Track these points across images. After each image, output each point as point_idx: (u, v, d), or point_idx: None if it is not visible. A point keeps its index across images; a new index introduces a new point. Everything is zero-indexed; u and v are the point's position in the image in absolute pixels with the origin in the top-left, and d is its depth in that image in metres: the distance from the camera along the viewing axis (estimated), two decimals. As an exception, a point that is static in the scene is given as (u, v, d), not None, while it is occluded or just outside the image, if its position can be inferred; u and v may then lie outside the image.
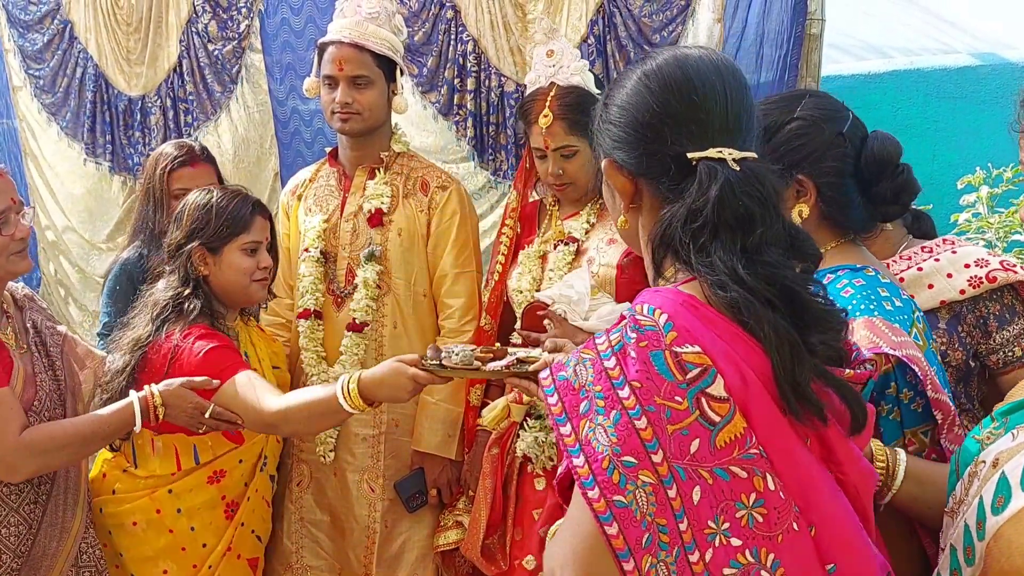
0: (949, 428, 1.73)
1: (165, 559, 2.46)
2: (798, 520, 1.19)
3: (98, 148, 4.27)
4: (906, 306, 1.80)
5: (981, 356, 2.32)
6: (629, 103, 1.33)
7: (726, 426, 1.15)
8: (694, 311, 1.21)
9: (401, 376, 2.07)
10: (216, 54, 4.02)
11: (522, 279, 2.73)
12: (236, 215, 2.52)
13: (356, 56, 2.76)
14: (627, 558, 1.13)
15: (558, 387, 1.23)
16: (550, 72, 2.65)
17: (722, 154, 1.25)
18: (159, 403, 2.23)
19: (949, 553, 1.33)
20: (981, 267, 2.27)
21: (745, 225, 1.22)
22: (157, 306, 2.45)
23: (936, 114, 3.78)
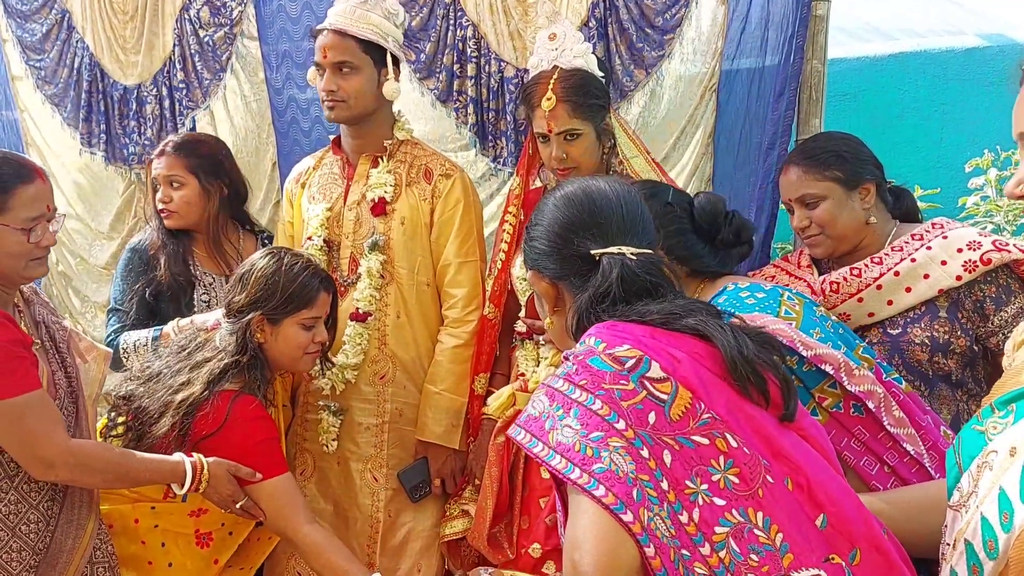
0: (847, 373, 1.98)
1: (129, 568, 2.43)
2: (770, 472, 1.31)
3: (93, 138, 4.23)
4: (769, 293, 2.13)
5: (982, 339, 2.34)
6: (543, 220, 1.62)
7: (675, 401, 1.32)
8: (613, 327, 1.43)
9: None
10: (207, 40, 3.98)
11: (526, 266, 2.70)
12: (302, 290, 2.50)
13: (339, 43, 2.75)
14: (623, 510, 1.23)
15: (523, 425, 1.40)
16: (553, 55, 2.63)
17: (620, 249, 1.53)
18: (206, 478, 2.28)
19: (964, 548, 1.31)
20: (974, 250, 2.28)
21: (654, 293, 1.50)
22: (213, 373, 2.41)
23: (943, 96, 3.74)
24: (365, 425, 2.89)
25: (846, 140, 2.46)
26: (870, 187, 2.39)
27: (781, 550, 1.25)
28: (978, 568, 1.28)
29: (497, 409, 2.70)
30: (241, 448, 2.35)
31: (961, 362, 2.34)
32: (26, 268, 2.15)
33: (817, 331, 2.03)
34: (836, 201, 2.38)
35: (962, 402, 2.36)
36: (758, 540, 1.25)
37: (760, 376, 1.40)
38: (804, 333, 2.02)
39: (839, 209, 2.38)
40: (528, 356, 2.74)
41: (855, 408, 2.03)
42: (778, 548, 1.25)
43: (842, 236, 2.40)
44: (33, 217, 2.11)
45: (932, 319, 2.31)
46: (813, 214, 2.39)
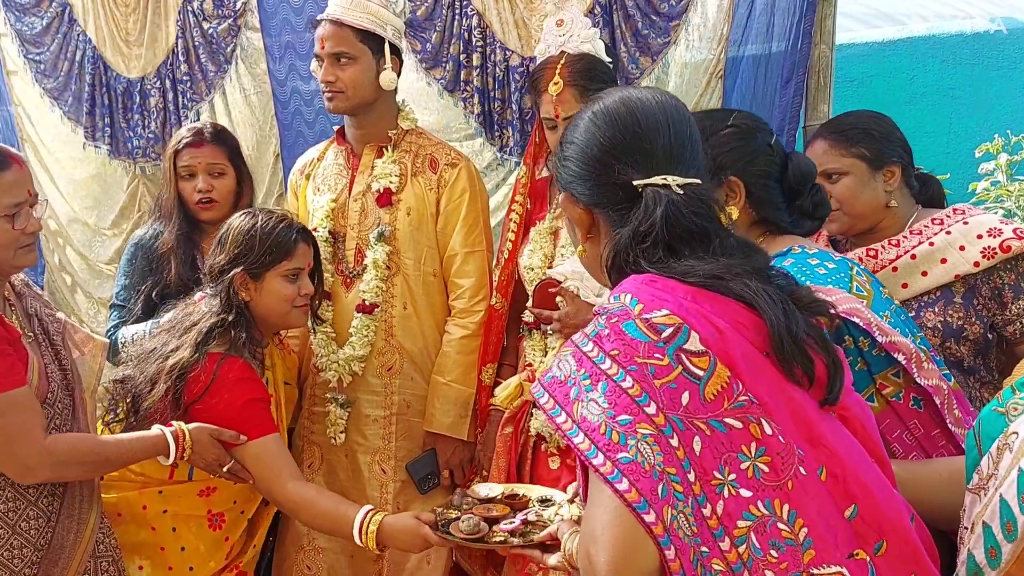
0: (918, 365, 1.81)
1: (141, 555, 2.44)
2: (803, 463, 1.23)
3: (97, 132, 4.22)
4: (840, 265, 1.90)
5: (998, 327, 2.32)
6: (580, 139, 1.45)
7: (711, 378, 1.21)
8: (654, 284, 1.30)
9: (416, 536, 2.12)
10: (211, 32, 3.97)
11: (533, 256, 2.70)
12: (279, 241, 2.49)
13: (337, 33, 2.74)
14: (646, 509, 1.15)
15: (546, 387, 1.30)
16: (560, 41, 2.61)
17: (666, 180, 1.36)
18: (188, 444, 2.26)
19: (982, 531, 1.30)
20: (994, 237, 2.26)
21: (698, 238, 1.35)
22: (200, 333, 2.41)
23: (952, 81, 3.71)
24: (373, 417, 2.88)
25: (878, 119, 2.43)
26: (895, 170, 2.37)
27: (804, 545, 1.20)
28: (996, 550, 1.27)
29: (505, 399, 2.69)
30: (227, 411, 2.34)
31: (974, 349, 2.32)
32: (15, 257, 2.13)
33: (887, 314, 1.88)
34: (858, 179, 2.35)
35: (974, 389, 2.34)
36: (780, 534, 1.19)
37: (807, 357, 1.28)
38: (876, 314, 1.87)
39: (860, 187, 2.35)
40: (536, 346, 2.72)
41: (915, 401, 1.92)
42: (800, 543, 1.19)
43: (860, 215, 2.38)
44: (15, 204, 2.09)
45: (947, 304, 2.29)
46: (833, 189, 2.35)
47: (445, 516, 2.10)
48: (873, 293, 1.94)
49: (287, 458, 2.40)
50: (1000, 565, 1.26)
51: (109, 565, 2.33)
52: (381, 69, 2.79)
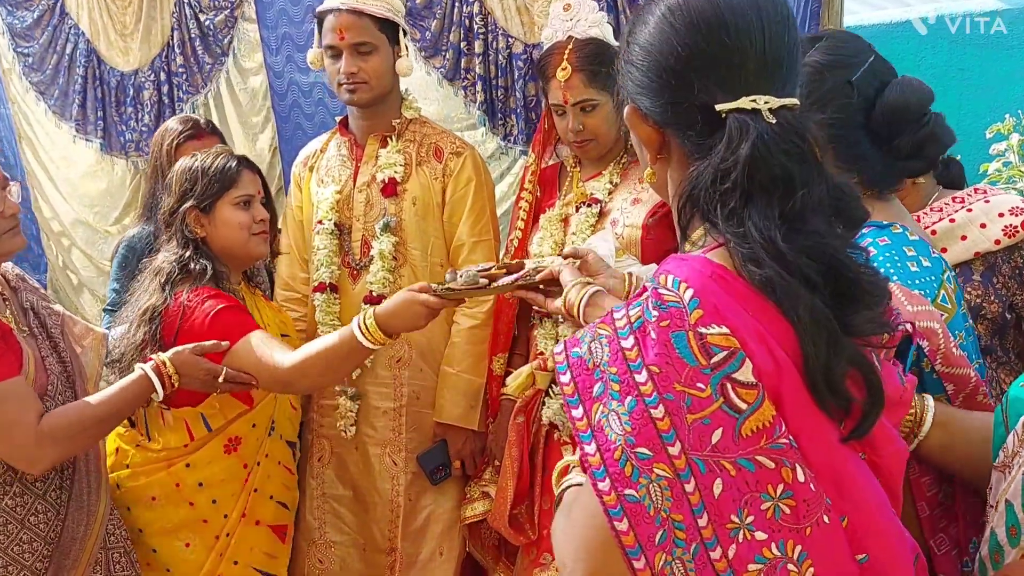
0: (966, 398, 1.63)
1: (186, 532, 2.44)
2: (829, 513, 1.09)
3: (88, 125, 4.19)
4: (935, 266, 1.68)
5: (1017, 307, 2.30)
6: (652, 44, 1.18)
7: (753, 414, 1.05)
8: (724, 284, 1.09)
9: (414, 304, 2.08)
10: (207, 24, 3.94)
11: (543, 243, 2.67)
12: (223, 171, 2.51)
13: (356, 23, 2.68)
14: (638, 555, 1.05)
15: (571, 365, 1.13)
16: (567, 26, 2.59)
17: (756, 104, 1.11)
18: (172, 371, 2.21)
19: (1004, 509, 1.28)
20: (1016, 215, 2.24)
21: (783, 188, 1.09)
22: (162, 273, 2.43)
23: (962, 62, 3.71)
24: (382, 409, 2.85)
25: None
26: None
27: None
28: (1016, 529, 1.26)
29: (516, 389, 2.63)
30: (201, 328, 2.32)
31: (991, 328, 2.30)
32: (1, 243, 2.10)
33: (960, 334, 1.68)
34: None
35: (991, 370, 2.32)
36: (789, 574, 1.08)
37: (844, 396, 1.09)
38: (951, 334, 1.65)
39: None
40: (547, 335, 2.70)
41: None
42: None
43: None
44: None
45: (965, 281, 2.28)
46: None
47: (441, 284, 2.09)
48: (956, 308, 1.72)
49: (275, 342, 2.35)
50: (1020, 544, 1.25)
51: (121, 556, 2.32)
52: (397, 57, 2.76)
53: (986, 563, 1.33)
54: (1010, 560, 1.26)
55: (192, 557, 2.44)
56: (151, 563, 2.44)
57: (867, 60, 1.73)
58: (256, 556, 2.53)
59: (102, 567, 2.27)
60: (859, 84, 1.68)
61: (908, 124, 1.69)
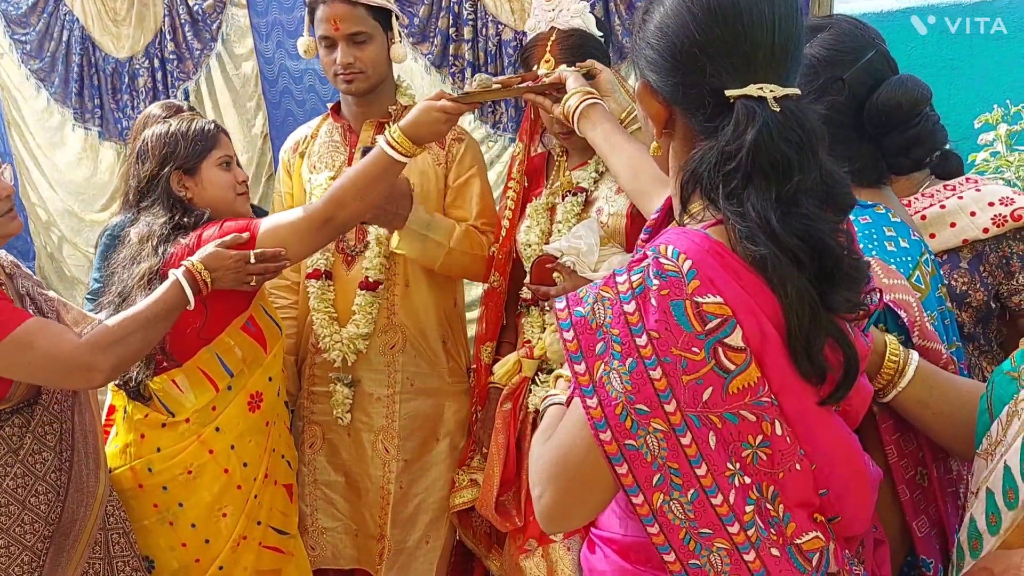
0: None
1: (223, 503, 2.47)
2: (801, 462, 1.21)
3: (87, 113, 4.19)
4: (913, 247, 1.73)
5: (1003, 297, 2.31)
6: (668, 25, 1.23)
7: (740, 374, 1.15)
8: (719, 259, 1.17)
9: (432, 111, 2.16)
10: (197, 10, 3.94)
11: (530, 232, 2.67)
12: (203, 132, 2.52)
13: (350, 12, 2.67)
14: (636, 493, 1.17)
15: (575, 323, 1.20)
16: (550, 16, 2.58)
17: (762, 91, 1.18)
18: (202, 268, 2.25)
19: (985, 497, 1.30)
20: (1006, 205, 2.25)
21: (781, 172, 1.16)
22: (153, 237, 2.41)
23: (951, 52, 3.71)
24: (376, 396, 2.86)
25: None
26: None
27: (784, 520, 1.21)
28: (996, 517, 1.27)
29: (503, 377, 2.68)
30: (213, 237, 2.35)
31: (976, 316, 2.32)
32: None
33: (932, 315, 1.72)
34: None
35: (973, 356, 2.34)
36: (770, 514, 1.20)
37: (821, 367, 1.19)
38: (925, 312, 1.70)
39: None
40: (534, 323, 2.70)
41: None
42: (782, 519, 1.21)
43: None
44: None
45: (952, 268, 2.29)
46: None
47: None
48: (930, 290, 1.77)
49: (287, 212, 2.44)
50: (999, 532, 1.27)
51: (120, 537, 2.35)
52: (391, 43, 2.76)
53: (964, 548, 1.35)
54: (989, 548, 1.28)
55: (228, 524, 2.48)
56: (188, 542, 2.47)
57: (864, 56, 1.74)
58: (275, 515, 2.59)
59: (101, 547, 2.31)
60: (851, 81, 1.70)
61: (898, 123, 1.72)
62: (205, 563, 2.47)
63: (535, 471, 1.28)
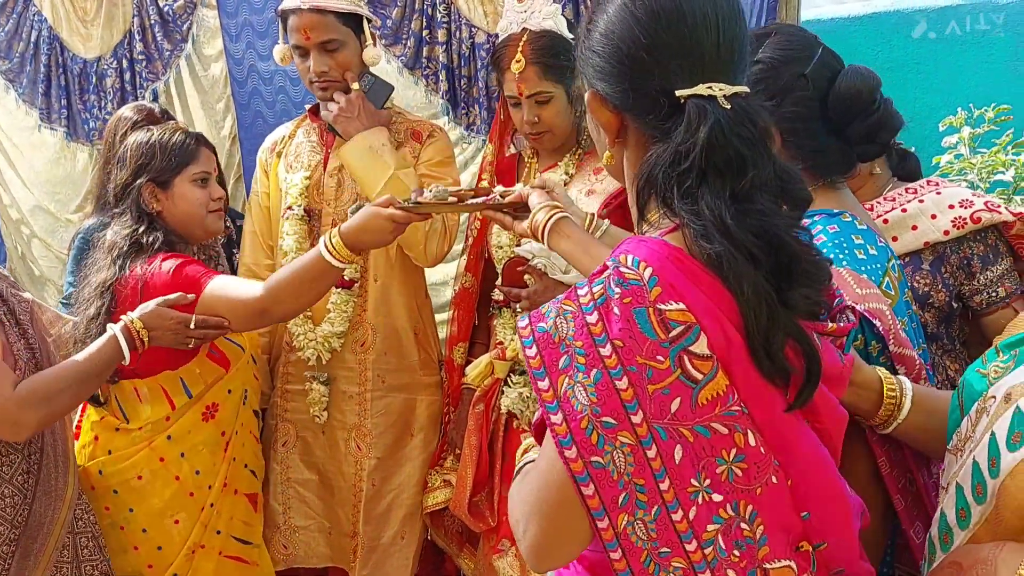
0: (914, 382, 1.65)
1: (174, 509, 2.45)
2: (777, 474, 1.18)
3: (53, 114, 4.15)
4: (880, 254, 1.76)
5: (964, 297, 2.35)
6: (613, 32, 1.22)
7: (708, 384, 1.13)
8: (679, 265, 1.16)
9: (379, 218, 2.06)
10: (167, 10, 3.91)
11: (502, 234, 2.69)
12: (182, 147, 2.50)
13: (320, 21, 2.66)
14: (602, 516, 1.12)
15: (537, 339, 1.18)
16: (521, 18, 2.59)
17: (712, 90, 1.17)
18: (140, 327, 2.22)
19: (954, 492, 1.32)
20: (966, 208, 2.28)
21: (735, 169, 1.16)
22: (115, 247, 2.41)
23: (917, 56, 3.75)
24: (349, 394, 2.86)
25: None
26: None
27: (759, 542, 1.17)
28: (966, 512, 1.28)
29: (476, 378, 2.68)
30: (165, 286, 2.31)
31: (938, 316, 2.35)
32: None
33: (903, 320, 1.75)
34: None
35: (937, 356, 2.38)
36: (742, 534, 1.16)
37: (783, 367, 1.16)
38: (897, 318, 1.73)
39: None
40: (506, 324, 2.72)
41: None
42: (757, 540, 1.17)
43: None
44: None
45: (914, 270, 2.33)
46: None
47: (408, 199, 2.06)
48: (899, 296, 1.79)
49: (241, 280, 2.40)
50: (968, 527, 1.28)
51: (88, 540, 2.33)
52: (363, 47, 2.75)
53: (935, 543, 1.36)
54: (959, 542, 1.29)
55: (181, 532, 2.46)
56: (139, 546, 2.45)
57: (816, 53, 1.78)
58: (236, 525, 2.57)
59: (69, 551, 2.29)
60: (812, 76, 1.73)
61: (860, 111, 1.75)
62: (159, 569, 2.46)
63: (515, 511, 1.25)
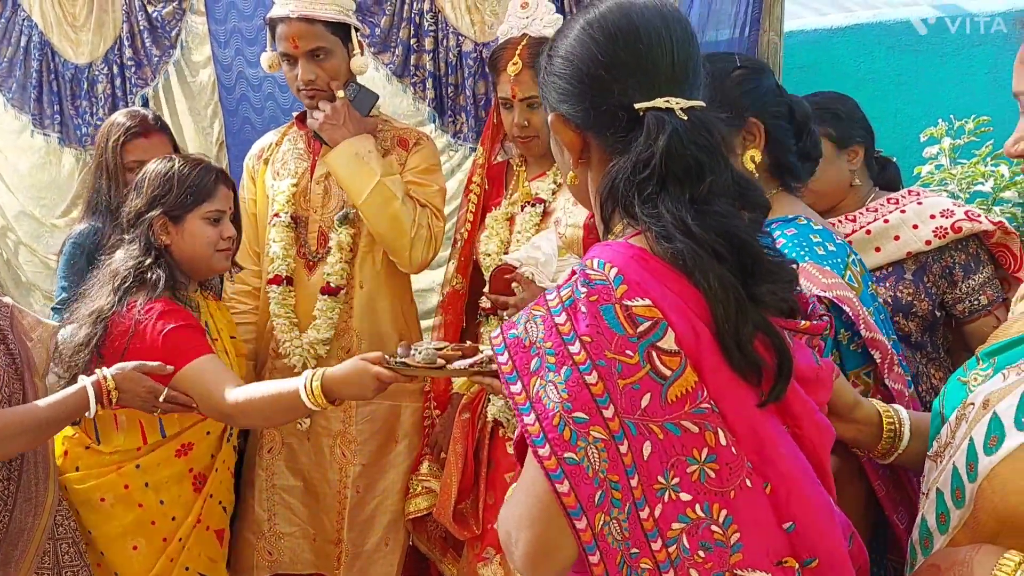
0: (889, 367, 1.79)
1: (135, 535, 2.42)
2: (751, 476, 1.18)
3: (46, 119, 4.15)
4: (839, 250, 1.85)
5: (947, 305, 2.38)
6: (573, 54, 1.29)
7: (677, 380, 1.14)
8: (644, 264, 1.19)
9: (365, 375, 2.05)
10: (156, 16, 3.91)
11: (489, 242, 2.70)
12: (199, 183, 2.45)
13: (308, 30, 2.68)
14: (579, 516, 1.13)
15: (508, 345, 1.21)
16: (523, 24, 2.63)
17: (669, 103, 1.23)
18: (112, 387, 2.19)
19: (935, 497, 1.33)
20: (947, 217, 2.32)
21: (694, 175, 1.20)
22: (118, 276, 2.37)
23: (899, 67, 3.78)
24: (334, 401, 2.86)
25: (843, 100, 2.50)
26: (859, 150, 2.44)
27: (733, 548, 1.17)
28: (945, 516, 1.30)
29: (463, 385, 2.68)
30: (152, 345, 2.28)
31: (922, 325, 2.38)
32: None
33: (869, 310, 1.84)
34: (826, 158, 2.39)
35: (921, 364, 2.41)
36: (712, 536, 1.17)
37: (754, 361, 1.18)
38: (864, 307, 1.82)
39: (826, 166, 2.39)
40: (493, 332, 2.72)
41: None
42: (730, 546, 1.17)
43: (824, 193, 2.43)
44: None
45: (897, 280, 2.36)
46: None
47: (395, 357, 2.05)
48: (862, 287, 1.90)
49: (224, 371, 2.33)
50: (948, 531, 1.29)
51: (69, 547, 2.32)
52: (351, 55, 2.77)
53: (916, 548, 1.38)
54: (939, 546, 1.31)
55: (140, 560, 2.42)
56: (100, 564, 2.43)
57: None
58: (202, 561, 2.53)
59: (50, 557, 2.28)
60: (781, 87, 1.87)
61: (808, 129, 1.90)
62: None
63: (505, 527, 1.24)
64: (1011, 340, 1.31)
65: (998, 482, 1.19)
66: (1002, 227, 2.35)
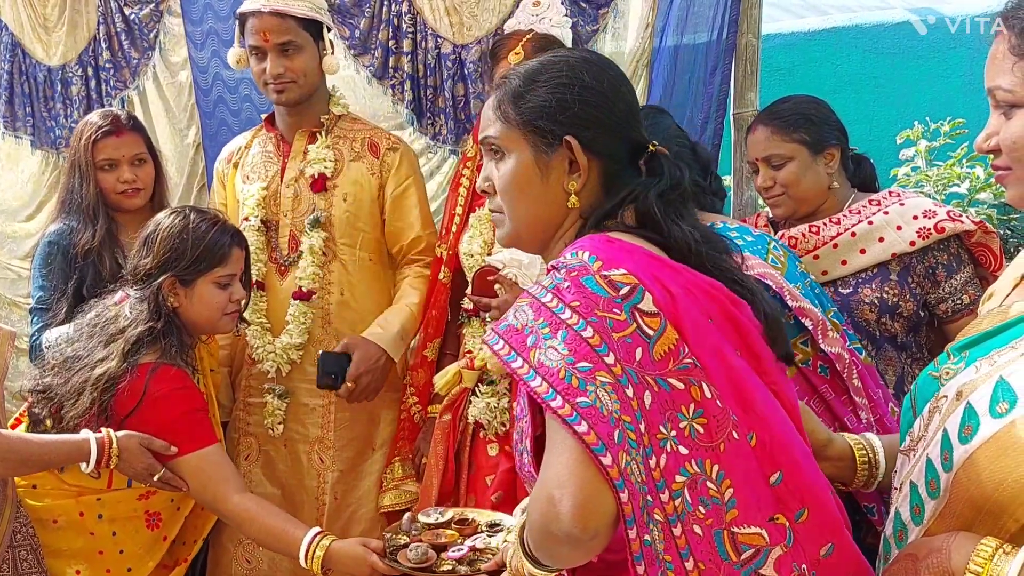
0: (823, 333, 2.02)
1: (79, 560, 2.36)
2: (737, 428, 1.26)
3: (17, 121, 4.09)
4: (758, 240, 2.10)
5: (931, 305, 2.40)
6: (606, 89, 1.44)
7: (660, 338, 1.24)
8: (612, 244, 1.33)
9: (364, 563, 2.11)
10: (133, 18, 3.88)
11: (473, 242, 2.69)
12: (213, 247, 2.40)
13: (279, 24, 2.67)
14: (603, 452, 1.16)
15: (502, 334, 1.30)
16: (532, 20, 2.66)
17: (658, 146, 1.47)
18: (116, 452, 2.17)
19: (908, 491, 1.34)
20: (929, 218, 2.35)
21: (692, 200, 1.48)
22: (128, 341, 2.30)
23: (875, 70, 3.82)
24: (311, 406, 2.85)
25: (816, 104, 2.51)
26: (835, 152, 2.45)
27: (727, 505, 1.23)
28: (920, 508, 1.31)
29: (443, 387, 2.67)
30: (161, 423, 2.25)
31: (907, 325, 2.40)
32: None
33: (798, 286, 1.99)
34: (802, 163, 2.42)
35: (906, 364, 2.44)
36: (708, 492, 1.22)
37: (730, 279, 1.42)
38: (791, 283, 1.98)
39: (804, 171, 2.43)
40: (475, 333, 2.71)
41: (822, 368, 2.08)
42: (725, 503, 1.23)
43: (804, 198, 2.45)
44: None
45: (883, 281, 2.37)
46: (778, 175, 2.44)
47: (394, 542, 2.11)
48: (788, 266, 2.10)
49: (230, 469, 2.34)
50: (923, 522, 1.30)
51: (28, 554, 2.28)
52: (322, 54, 2.76)
53: (890, 542, 1.39)
54: (914, 537, 1.32)
55: None
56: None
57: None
58: None
59: (9, 566, 2.24)
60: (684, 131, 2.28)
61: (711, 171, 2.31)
62: None
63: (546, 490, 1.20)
64: (982, 334, 1.33)
65: (973, 470, 1.20)
66: (982, 227, 2.38)
